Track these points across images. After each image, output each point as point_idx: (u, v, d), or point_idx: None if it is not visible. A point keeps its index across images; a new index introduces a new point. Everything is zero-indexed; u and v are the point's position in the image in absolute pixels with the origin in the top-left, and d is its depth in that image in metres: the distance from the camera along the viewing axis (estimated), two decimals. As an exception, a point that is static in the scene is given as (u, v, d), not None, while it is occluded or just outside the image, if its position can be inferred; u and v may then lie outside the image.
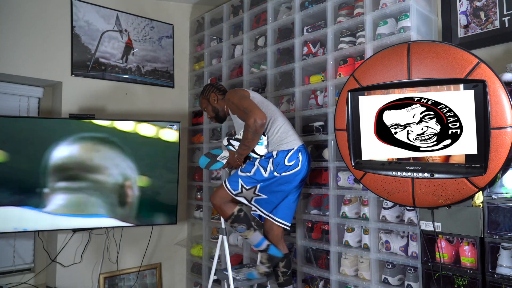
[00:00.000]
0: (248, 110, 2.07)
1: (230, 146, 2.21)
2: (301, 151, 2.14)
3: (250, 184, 2.12)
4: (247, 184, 2.13)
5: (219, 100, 2.39)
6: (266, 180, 2.11)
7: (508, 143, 1.49)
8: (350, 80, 1.89)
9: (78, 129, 2.68)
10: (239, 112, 2.16)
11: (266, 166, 2.11)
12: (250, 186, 2.12)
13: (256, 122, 2.02)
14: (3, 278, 2.76)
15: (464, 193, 1.61)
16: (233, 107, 2.20)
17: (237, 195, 2.15)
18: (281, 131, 2.15)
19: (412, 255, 2.02)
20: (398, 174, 1.75)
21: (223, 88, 2.43)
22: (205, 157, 2.35)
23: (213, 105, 2.39)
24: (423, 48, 1.67)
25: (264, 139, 2.12)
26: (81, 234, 2.88)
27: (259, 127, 2.04)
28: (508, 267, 1.64)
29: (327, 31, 2.41)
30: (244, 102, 2.14)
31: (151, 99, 3.37)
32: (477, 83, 1.53)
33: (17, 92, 2.91)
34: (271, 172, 2.10)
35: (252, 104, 2.11)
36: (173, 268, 3.43)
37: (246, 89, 2.29)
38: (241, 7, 3.04)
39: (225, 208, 2.17)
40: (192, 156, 3.53)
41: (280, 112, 2.28)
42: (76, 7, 3.00)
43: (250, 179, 2.13)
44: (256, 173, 2.12)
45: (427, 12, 2.17)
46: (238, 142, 2.17)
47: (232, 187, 2.14)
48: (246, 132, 2.07)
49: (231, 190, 2.14)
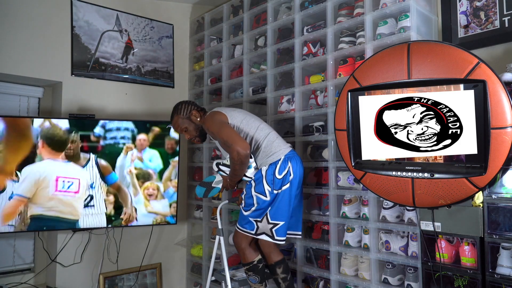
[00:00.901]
0: (229, 143, 1.97)
1: (221, 172, 2.16)
2: (290, 158, 2.08)
3: (261, 215, 2.05)
4: (259, 217, 2.05)
5: (201, 117, 2.24)
6: (272, 202, 2.04)
7: (508, 143, 1.49)
8: (350, 80, 1.89)
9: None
10: (220, 143, 2.06)
11: (264, 190, 2.04)
12: (261, 217, 2.05)
13: (240, 154, 1.95)
14: (3, 278, 2.76)
15: (464, 193, 1.61)
16: (213, 136, 2.10)
17: (258, 234, 2.06)
18: (265, 144, 2.09)
19: (412, 255, 2.02)
20: (398, 174, 1.75)
21: (199, 105, 2.32)
22: (200, 187, 2.30)
23: (196, 123, 2.24)
24: (423, 48, 1.67)
25: (252, 161, 2.07)
26: (81, 234, 2.88)
27: (244, 158, 1.97)
28: (508, 267, 1.64)
29: (327, 31, 2.41)
30: (224, 132, 2.02)
31: (151, 99, 3.37)
32: (477, 83, 1.53)
33: (17, 92, 2.91)
34: (271, 193, 2.04)
35: (231, 134, 2.00)
36: (173, 268, 3.43)
37: (222, 111, 2.17)
38: (241, 7, 3.04)
39: (248, 253, 2.13)
40: (192, 156, 3.53)
41: (261, 121, 2.20)
42: (76, 7, 3.00)
43: (257, 211, 2.05)
44: (259, 202, 2.05)
45: (427, 12, 2.17)
46: (227, 167, 2.11)
47: (249, 228, 2.07)
48: (233, 164, 2.01)
49: (250, 231, 2.07)
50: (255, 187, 2.06)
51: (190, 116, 2.22)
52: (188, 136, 2.26)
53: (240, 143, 1.95)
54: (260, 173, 2.07)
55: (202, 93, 3.43)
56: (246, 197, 2.10)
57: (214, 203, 3.16)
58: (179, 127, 2.25)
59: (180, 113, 2.23)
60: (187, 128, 2.24)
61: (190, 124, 2.23)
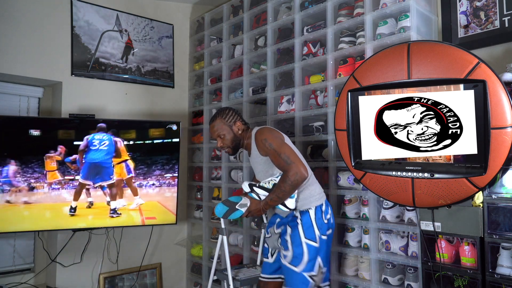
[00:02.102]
0: (290, 161, 1.83)
1: (253, 194, 1.97)
2: (327, 201, 2.02)
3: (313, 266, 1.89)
4: (312, 269, 1.89)
5: (243, 131, 2.10)
6: (321, 248, 1.91)
7: (508, 143, 1.49)
8: (350, 80, 1.89)
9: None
10: (276, 158, 1.89)
11: (314, 236, 1.90)
12: (315, 268, 1.89)
13: (298, 175, 1.81)
14: (3, 278, 2.76)
15: (464, 193, 1.61)
16: (270, 150, 1.91)
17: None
18: (310, 182, 1.97)
19: (412, 255, 2.02)
20: (398, 174, 1.75)
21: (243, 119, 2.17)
22: (223, 205, 1.99)
23: (236, 135, 2.08)
24: (423, 48, 1.67)
25: (296, 191, 1.92)
26: (81, 234, 2.88)
27: (300, 181, 1.83)
28: (508, 267, 1.64)
29: (327, 31, 2.41)
30: (286, 149, 1.88)
31: (151, 99, 3.37)
32: (477, 83, 1.53)
33: (17, 92, 2.91)
34: (320, 238, 1.91)
35: (293, 153, 1.88)
36: (173, 268, 3.43)
37: (277, 129, 2.06)
38: (241, 7, 3.04)
39: None
40: (192, 156, 3.53)
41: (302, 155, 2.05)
42: (76, 7, 3.00)
43: (310, 263, 1.89)
44: (310, 251, 1.89)
45: (427, 12, 2.17)
46: (263, 190, 1.95)
47: (304, 286, 1.88)
48: (284, 184, 1.83)
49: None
50: (305, 233, 1.90)
51: (233, 125, 2.08)
52: (221, 144, 2.09)
53: (302, 165, 1.84)
54: (308, 216, 1.92)
55: (202, 93, 3.43)
56: (294, 246, 1.90)
57: (214, 203, 3.16)
58: (217, 131, 2.08)
59: (225, 118, 2.08)
60: (224, 136, 2.07)
61: (230, 133, 2.07)
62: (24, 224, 2.57)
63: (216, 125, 2.09)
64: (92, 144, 2.70)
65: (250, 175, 2.87)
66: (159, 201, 2.94)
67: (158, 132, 2.92)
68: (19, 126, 2.57)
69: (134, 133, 2.85)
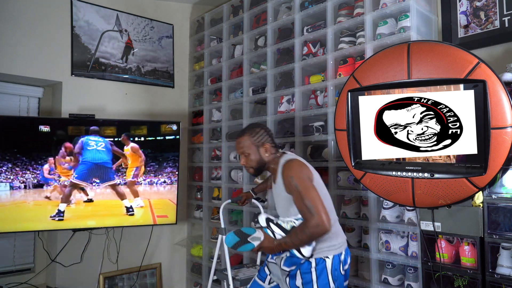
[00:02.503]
0: (313, 211, 1.63)
1: (268, 230, 1.79)
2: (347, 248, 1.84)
3: None
4: None
5: (271, 154, 1.90)
6: None
7: (508, 143, 1.49)
8: (350, 80, 1.89)
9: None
10: (299, 202, 1.70)
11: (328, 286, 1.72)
12: None
13: (318, 228, 1.62)
14: (3, 278, 2.76)
15: (464, 193, 1.61)
16: (295, 191, 1.72)
17: None
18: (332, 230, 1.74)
19: (412, 255, 2.02)
20: (398, 174, 1.75)
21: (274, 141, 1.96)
22: (234, 235, 1.80)
23: (262, 157, 1.88)
24: (423, 48, 1.67)
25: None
26: (81, 234, 2.88)
27: (320, 235, 1.65)
28: (508, 267, 1.64)
29: (327, 31, 2.41)
30: (312, 194, 1.68)
31: (151, 99, 3.37)
32: (477, 83, 1.53)
33: (17, 92, 2.91)
34: None
35: (318, 201, 1.66)
36: (173, 268, 3.43)
37: (306, 164, 1.83)
38: (241, 7, 3.04)
39: None
40: (192, 156, 3.53)
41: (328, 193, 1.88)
42: (76, 7, 3.00)
43: None
44: None
45: (427, 12, 2.17)
46: (280, 230, 1.76)
47: None
48: (302, 233, 1.65)
49: None
50: (318, 282, 1.71)
51: (261, 146, 1.88)
52: (245, 163, 1.90)
53: (326, 216, 1.63)
54: (324, 266, 1.73)
55: (202, 93, 3.43)
56: None
57: (214, 203, 3.16)
58: (242, 148, 1.88)
59: (253, 137, 1.88)
60: (249, 155, 1.88)
61: (256, 154, 1.87)
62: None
63: (243, 142, 1.88)
64: (88, 145, 2.70)
65: (250, 175, 2.86)
66: (170, 199, 2.95)
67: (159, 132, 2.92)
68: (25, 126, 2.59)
69: (136, 130, 2.86)
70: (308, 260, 1.75)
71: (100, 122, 2.75)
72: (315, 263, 1.74)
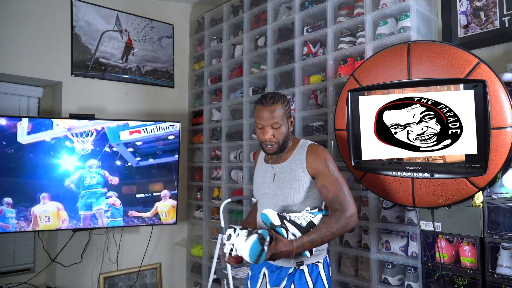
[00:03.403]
0: (351, 198, 1.50)
1: (282, 230, 1.45)
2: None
3: None
4: None
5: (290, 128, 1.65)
6: None
7: (508, 143, 1.49)
8: (350, 80, 1.89)
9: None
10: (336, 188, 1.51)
11: None
12: None
13: (354, 218, 1.47)
14: (3, 278, 2.76)
15: (464, 193, 1.61)
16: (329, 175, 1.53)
17: None
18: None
19: (412, 255, 2.02)
20: (398, 174, 1.75)
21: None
22: (258, 243, 1.35)
23: (289, 131, 1.63)
24: (423, 48, 1.67)
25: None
26: (81, 234, 2.88)
27: (352, 226, 1.49)
28: (508, 267, 1.64)
29: (327, 31, 2.41)
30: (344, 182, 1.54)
31: (151, 99, 3.37)
32: (477, 83, 1.53)
33: (17, 92, 2.91)
34: None
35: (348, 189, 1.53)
36: (173, 268, 3.43)
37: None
38: (241, 7, 3.04)
39: None
40: (192, 156, 3.53)
41: None
42: (76, 7, 3.00)
43: None
44: None
45: (427, 12, 2.17)
46: (294, 227, 1.46)
47: None
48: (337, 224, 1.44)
49: None
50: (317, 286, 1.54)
51: (289, 118, 1.63)
52: (272, 136, 1.57)
53: (355, 206, 1.50)
54: (318, 273, 1.56)
55: (202, 93, 3.43)
56: None
57: (214, 203, 3.16)
58: (276, 118, 1.56)
59: (286, 106, 1.61)
60: (281, 127, 1.58)
61: (286, 126, 1.60)
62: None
63: (277, 111, 1.56)
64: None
65: (250, 175, 2.86)
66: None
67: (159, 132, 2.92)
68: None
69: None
70: (298, 268, 1.55)
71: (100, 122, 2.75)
72: (309, 271, 1.55)
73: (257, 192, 1.71)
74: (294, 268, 1.55)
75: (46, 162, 2.58)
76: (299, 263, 1.54)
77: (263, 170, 1.71)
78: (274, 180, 1.63)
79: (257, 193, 1.72)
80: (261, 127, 1.59)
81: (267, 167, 1.69)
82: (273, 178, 1.64)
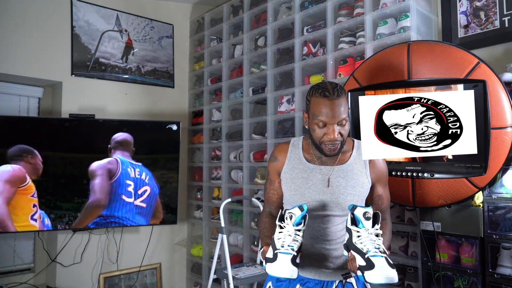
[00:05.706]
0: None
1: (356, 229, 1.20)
2: None
3: None
4: None
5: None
6: None
7: (508, 143, 1.49)
8: (350, 80, 1.89)
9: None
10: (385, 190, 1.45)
11: None
12: None
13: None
14: (3, 278, 2.76)
15: (464, 193, 1.61)
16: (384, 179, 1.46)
17: None
18: None
19: (412, 255, 2.02)
20: (398, 174, 1.75)
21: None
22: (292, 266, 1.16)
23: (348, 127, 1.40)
24: (423, 48, 1.67)
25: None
26: (81, 234, 2.88)
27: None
28: (508, 267, 1.64)
29: (327, 31, 2.41)
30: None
31: (151, 99, 3.37)
32: (477, 83, 1.53)
33: (17, 92, 2.91)
34: None
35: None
36: (173, 268, 3.43)
37: None
38: (241, 7, 3.04)
39: None
40: (192, 156, 3.53)
41: None
42: (76, 7, 3.00)
43: None
44: None
45: (427, 12, 2.17)
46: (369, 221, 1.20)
47: None
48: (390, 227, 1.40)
49: None
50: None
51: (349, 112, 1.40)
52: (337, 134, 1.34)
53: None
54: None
55: (202, 93, 3.43)
56: None
57: (214, 203, 3.16)
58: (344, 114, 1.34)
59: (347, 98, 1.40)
60: (346, 122, 1.37)
61: (349, 123, 1.40)
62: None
63: (344, 105, 1.34)
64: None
65: (250, 175, 2.86)
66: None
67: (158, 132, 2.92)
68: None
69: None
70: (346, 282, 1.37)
71: (100, 122, 2.75)
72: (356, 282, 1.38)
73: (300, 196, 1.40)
74: (341, 282, 1.35)
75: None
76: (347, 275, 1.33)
77: (305, 171, 1.42)
78: (329, 185, 1.38)
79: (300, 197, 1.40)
80: (323, 125, 1.34)
81: (314, 169, 1.41)
82: (327, 183, 1.39)
